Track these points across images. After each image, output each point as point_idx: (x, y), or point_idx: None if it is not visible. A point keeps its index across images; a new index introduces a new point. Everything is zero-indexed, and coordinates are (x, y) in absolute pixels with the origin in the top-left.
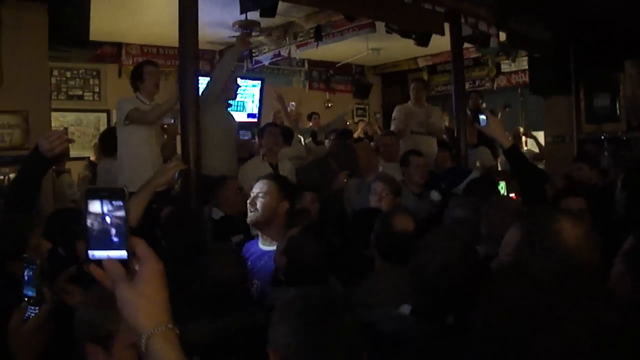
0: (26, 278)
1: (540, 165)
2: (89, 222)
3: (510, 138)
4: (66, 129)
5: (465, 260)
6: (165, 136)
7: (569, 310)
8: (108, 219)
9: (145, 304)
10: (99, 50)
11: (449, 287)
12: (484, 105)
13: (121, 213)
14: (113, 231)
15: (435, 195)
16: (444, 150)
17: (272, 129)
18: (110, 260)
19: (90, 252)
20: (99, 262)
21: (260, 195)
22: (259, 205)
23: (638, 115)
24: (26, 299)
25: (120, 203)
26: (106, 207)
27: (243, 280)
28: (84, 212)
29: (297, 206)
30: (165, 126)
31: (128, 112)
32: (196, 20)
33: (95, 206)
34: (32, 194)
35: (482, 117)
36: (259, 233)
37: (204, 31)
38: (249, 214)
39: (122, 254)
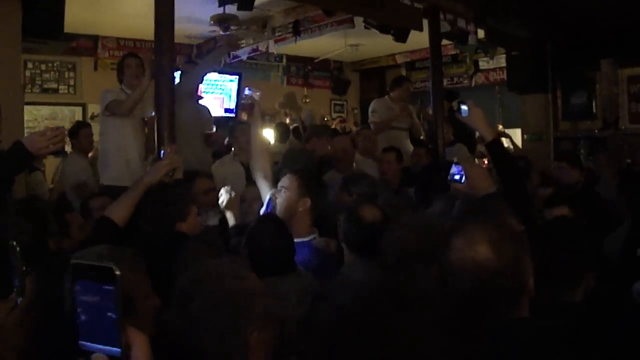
0: (11, 267)
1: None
2: (76, 307)
3: (492, 130)
4: (63, 127)
5: None
6: (147, 129)
7: None
8: (97, 306)
9: None
10: (75, 42)
11: None
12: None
13: (111, 300)
14: (103, 321)
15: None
16: (419, 147)
17: (244, 127)
18: (98, 356)
19: (80, 342)
20: (88, 354)
21: (282, 190)
22: (279, 200)
23: (613, 113)
24: (15, 290)
25: (111, 287)
26: (95, 292)
27: None
28: (71, 293)
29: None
30: (146, 119)
31: (107, 103)
32: (172, 14)
33: (82, 288)
34: (3, 189)
35: (464, 107)
36: None
37: (180, 25)
38: None
39: (114, 349)
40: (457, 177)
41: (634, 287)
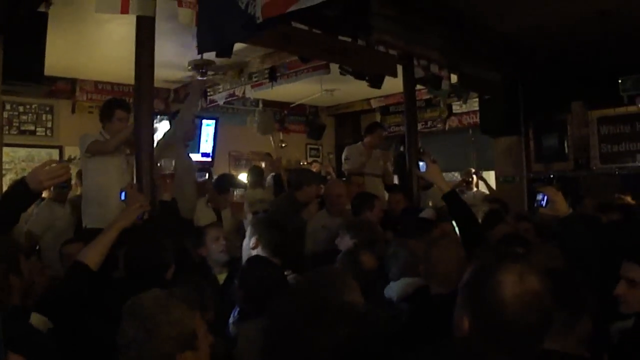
0: None
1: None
2: None
3: (449, 183)
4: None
5: None
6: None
7: None
8: None
9: None
10: (53, 85)
11: None
12: (422, 150)
13: None
14: None
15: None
16: (396, 192)
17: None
18: None
19: None
20: None
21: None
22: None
23: (584, 153)
24: None
25: None
26: None
27: None
28: None
29: None
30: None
31: (89, 145)
32: (152, 61)
33: None
34: (10, 225)
35: (421, 163)
36: None
37: (159, 70)
38: None
39: None
40: (542, 202)
41: None
